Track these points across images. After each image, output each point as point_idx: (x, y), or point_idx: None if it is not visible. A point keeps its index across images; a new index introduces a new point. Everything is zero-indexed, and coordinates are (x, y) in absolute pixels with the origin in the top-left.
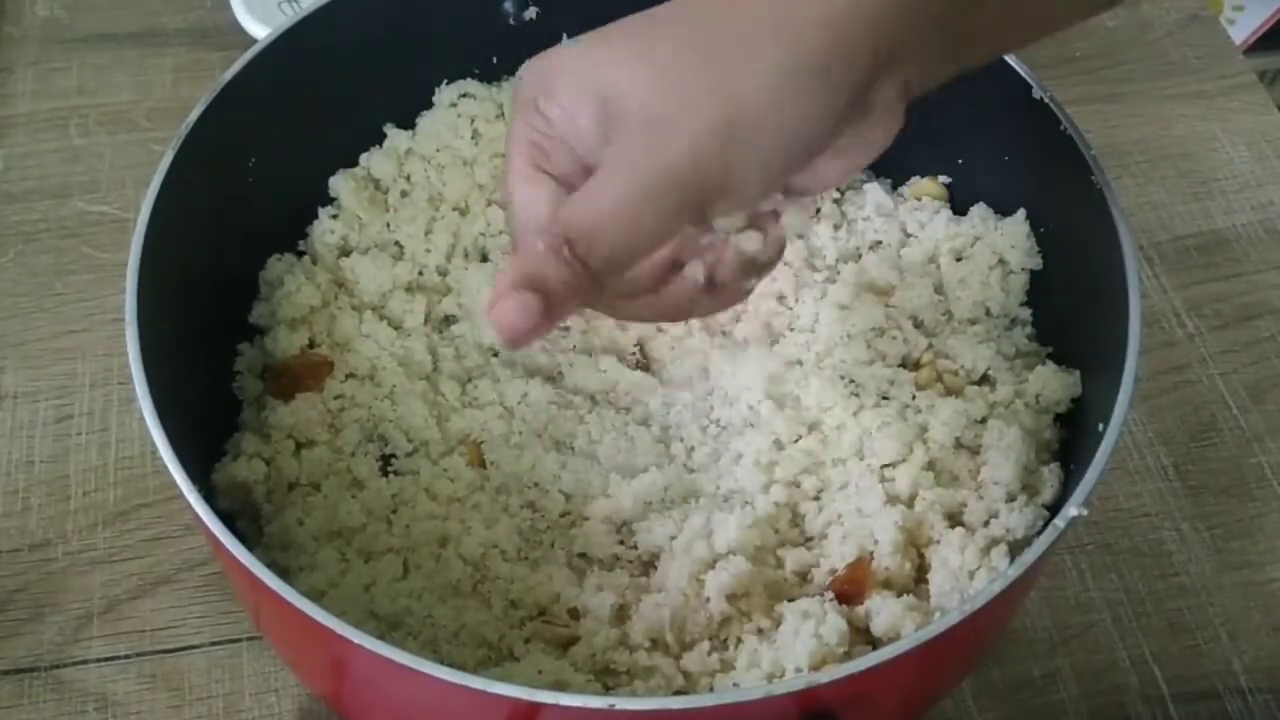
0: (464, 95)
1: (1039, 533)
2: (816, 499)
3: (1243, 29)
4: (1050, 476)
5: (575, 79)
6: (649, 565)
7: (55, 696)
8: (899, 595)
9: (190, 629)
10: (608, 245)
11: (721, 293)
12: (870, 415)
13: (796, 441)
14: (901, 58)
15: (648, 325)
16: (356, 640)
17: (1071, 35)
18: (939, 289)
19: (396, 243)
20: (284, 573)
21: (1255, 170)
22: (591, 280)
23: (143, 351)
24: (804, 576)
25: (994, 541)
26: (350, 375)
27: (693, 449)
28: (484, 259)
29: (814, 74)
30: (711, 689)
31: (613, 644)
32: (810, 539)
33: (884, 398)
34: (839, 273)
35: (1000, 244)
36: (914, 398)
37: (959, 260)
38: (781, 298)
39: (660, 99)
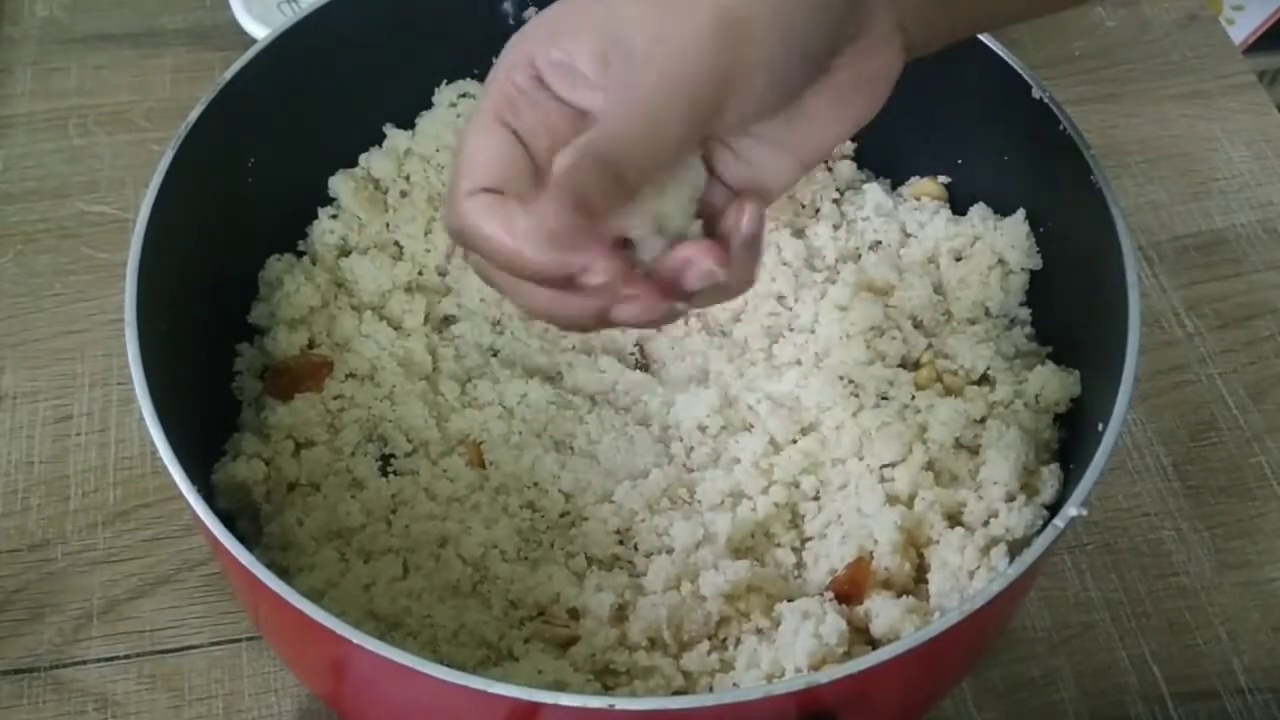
0: (464, 95)
1: (1039, 533)
2: (816, 499)
3: (1242, 29)
4: (1050, 476)
5: (581, 21)
6: (648, 565)
7: (55, 696)
8: (899, 595)
9: (190, 629)
10: (633, 152)
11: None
12: (870, 415)
13: (796, 442)
14: None
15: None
16: (356, 640)
17: (1071, 35)
18: (938, 289)
19: (396, 243)
20: (283, 573)
21: (1255, 170)
22: (621, 186)
23: (142, 351)
24: (803, 577)
25: (993, 541)
26: (350, 375)
27: (692, 449)
28: None
29: None
30: (711, 689)
31: (612, 644)
32: (810, 539)
33: (883, 398)
34: (839, 273)
35: (1000, 244)
36: (913, 398)
37: (958, 260)
38: (781, 298)
39: (659, 18)
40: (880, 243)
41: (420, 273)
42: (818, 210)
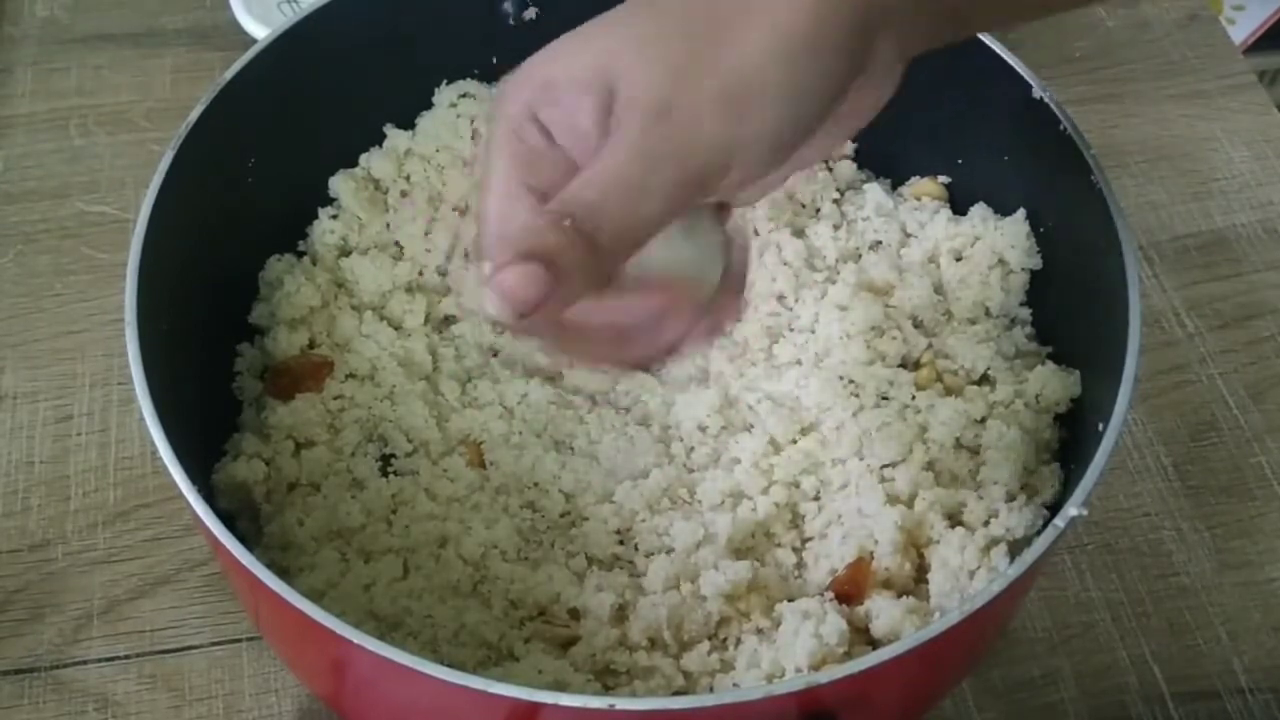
0: (464, 95)
1: (1039, 532)
2: (816, 499)
3: (1243, 29)
4: (1050, 476)
5: (578, 75)
6: (648, 565)
7: (55, 696)
8: (899, 595)
9: (190, 629)
10: (612, 220)
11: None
12: (870, 415)
13: (796, 442)
14: (894, 17)
15: None
16: (356, 640)
17: (1071, 35)
18: (939, 289)
19: (396, 243)
20: (284, 573)
21: (1255, 170)
22: (597, 258)
23: (142, 351)
24: (803, 577)
25: (994, 541)
26: (350, 375)
27: (693, 449)
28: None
29: (806, 43)
30: (711, 689)
31: (613, 644)
32: (810, 539)
33: (884, 398)
34: (839, 273)
35: (1000, 244)
36: (914, 398)
37: (959, 260)
38: (781, 298)
39: (660, 82)
40: (880, 243)
41: (420, 273)
42: (818, 210)
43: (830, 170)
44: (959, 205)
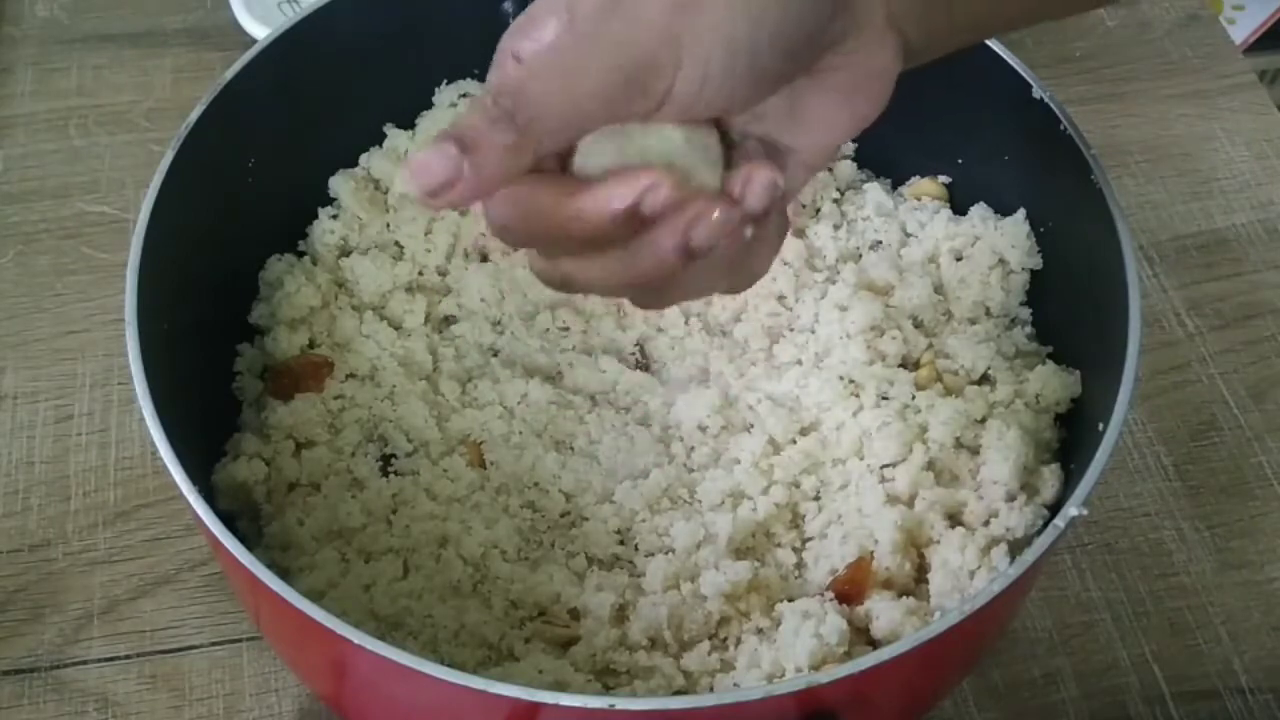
0: (464, 95)
1: (1039, 532)
2: (816, 499)
3: (1243, 29)
4: (1050, 476)
5: (544, 4)
6: (648, 565)
7: (55, 696)
8: (899, 595)
9: (190, 629)
10: (539, 98)
11: (708, 267)
12: (870, 415)
13: (796, 442)
14: None
15: (648, 326)
16: (356, 640)
17: (1071, 35)
18: (939, 289)
19: (396, 243)
20: (284, 573)
21: (1255, 170)
22: (518, 138)
23: (143, 351)
24: (803, 577)
25: (994, 541)
26: (350, 375)
27: (693, 449)
28: (484, 259)
29: None
30: (711, 689)
31: (613, 644)
32: (810, 539)
33: (884, 398)
34: (839, 273)
35: (1000, 244)
36: (914, 398)
37: (959, 260)
38: (781, 298)
39: None
40: (880, 243)
41: (420, 273)
42: (818, 210)
43: (830, 170)
44: (959, 205)
